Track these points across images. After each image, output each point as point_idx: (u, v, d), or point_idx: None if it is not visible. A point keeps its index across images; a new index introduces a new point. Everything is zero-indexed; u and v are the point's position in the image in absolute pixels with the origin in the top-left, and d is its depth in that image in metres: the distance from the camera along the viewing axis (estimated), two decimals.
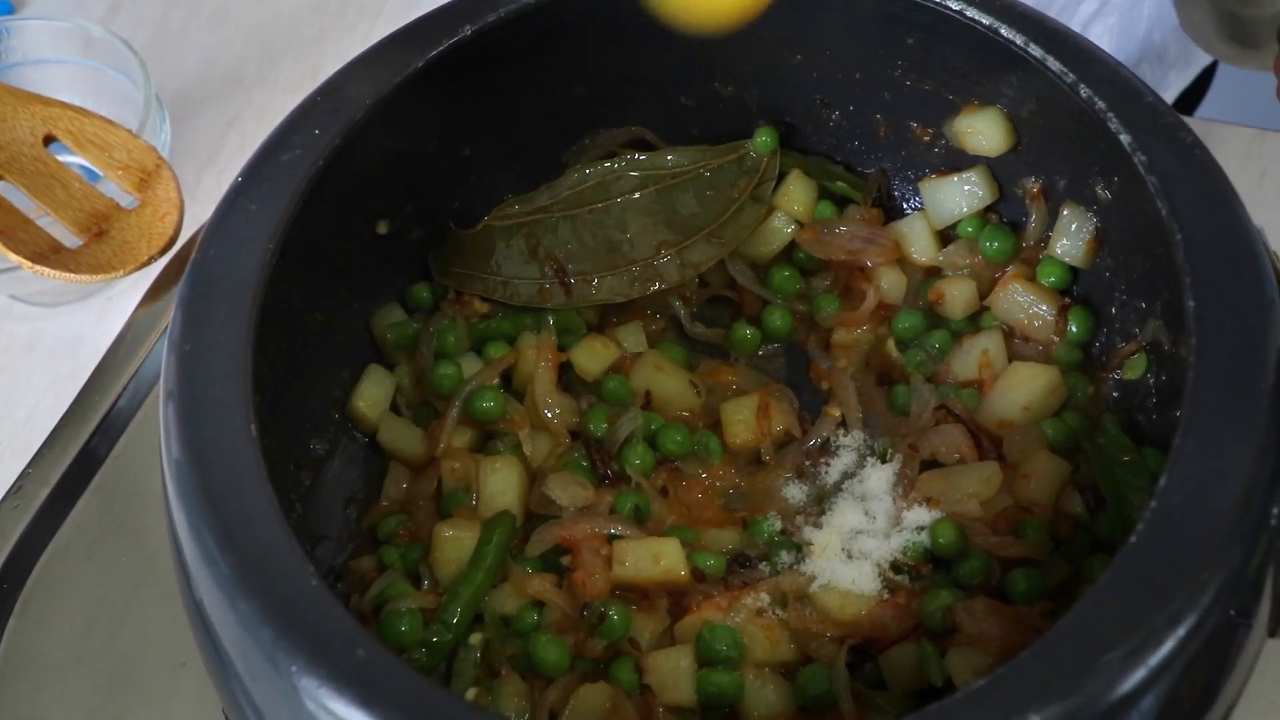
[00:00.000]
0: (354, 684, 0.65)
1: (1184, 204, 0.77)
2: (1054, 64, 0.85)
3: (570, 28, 0.94)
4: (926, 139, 0.98)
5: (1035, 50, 0.85)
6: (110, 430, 1.01)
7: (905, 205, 1.03)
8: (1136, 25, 1.34)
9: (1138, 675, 0.63)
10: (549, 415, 0.94)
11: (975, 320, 0.98)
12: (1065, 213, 0.93)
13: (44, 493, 0.99)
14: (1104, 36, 1.34)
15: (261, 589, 0.68)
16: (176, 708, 0.92)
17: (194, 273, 0.80)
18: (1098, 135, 0.83)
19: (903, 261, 1.00)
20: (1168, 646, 0.64)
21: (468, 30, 0.89)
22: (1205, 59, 1.42)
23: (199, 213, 0.98)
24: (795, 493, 0.93)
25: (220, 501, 0.71)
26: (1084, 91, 0.83)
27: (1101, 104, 0.82)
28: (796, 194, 1.01)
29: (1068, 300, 0.95)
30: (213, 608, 0.71)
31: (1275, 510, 0.70)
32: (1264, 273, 0.75)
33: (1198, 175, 0.78)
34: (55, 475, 0.99)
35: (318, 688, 0.65)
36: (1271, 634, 0.73)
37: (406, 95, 0.88)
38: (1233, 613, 0.68)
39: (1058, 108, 0.88)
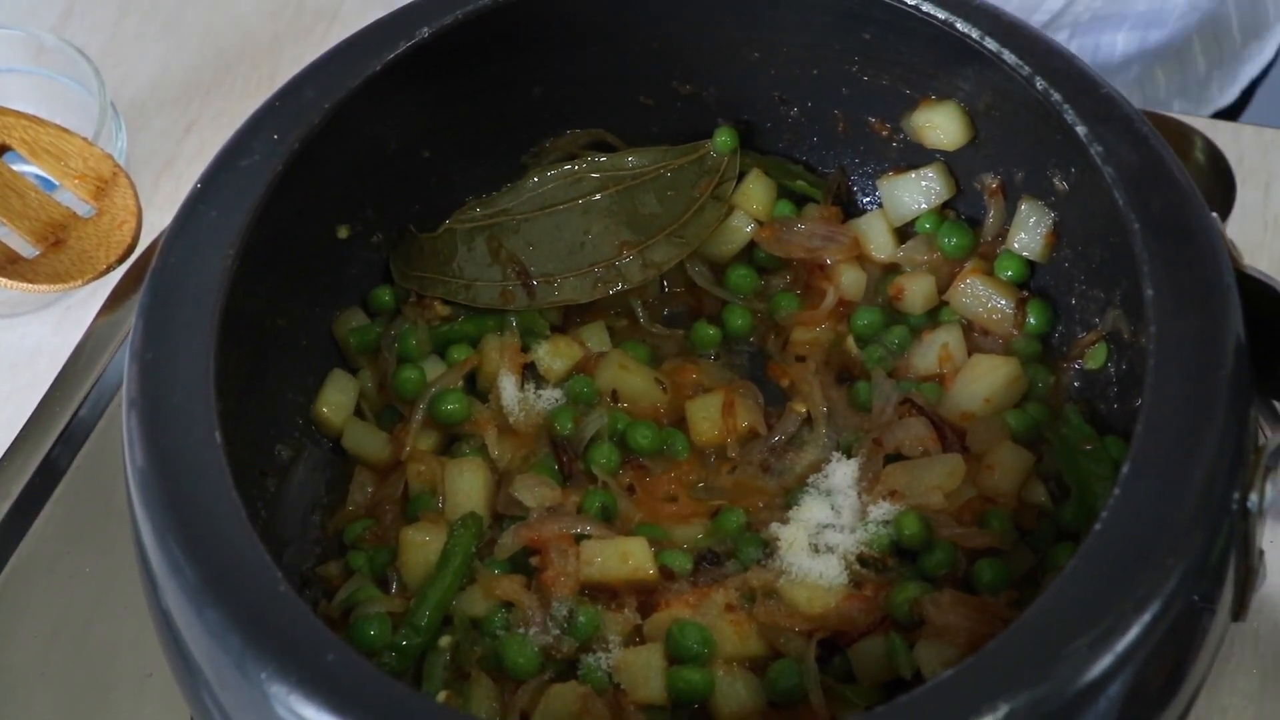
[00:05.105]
0: (325, 689, 0.65)
1: (1141, 193, 0.78)
2: (1010, 57, 0.85)
3: (528, 29, 0.94)
4: (885, 134, 0.99)
5: (991, 44, 0.86)
6: (72, 441, 1.00)
7: (864, 202, 1.03)
8: None
9: (1105, 661, 0.64)
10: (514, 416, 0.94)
11: (934, 315, 0.98)
12: (1023, 207, 0.94)
13: (5, 506, 0.98)
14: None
15: (229, 596, 0.68)
16: (144, 718, 0.92)
17: (154, 280, 0.79)
18: (1054, 127, 0.83)
19: (861, 258, 1.00)
20: (1134, 632, 0.64)
21: (425, 33, 0.89)
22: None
23: (157, 220, 0.98)
24: (761, 488, 0.93)
25: (186, 509, 0.71)
26: (1040, 84, 0.83)
27: (1057, 96, 0.82)
28: (756, 193, 1.01)
29: (1026, 293, 0.96)
30: (180, 616, 0.71)
31: (1236, 495, 0.70)
32: (1220, 260, 0.76)
33: (1154, 165, 0.79)
34: (16, 488, 0.99)
35: (288, 694, 0.65)
36: (1235, 618, 0.74)
37: (365, 99, 0.87)
38: (1197, 598, 0.68)
39: (1014, 100, 0.88)
